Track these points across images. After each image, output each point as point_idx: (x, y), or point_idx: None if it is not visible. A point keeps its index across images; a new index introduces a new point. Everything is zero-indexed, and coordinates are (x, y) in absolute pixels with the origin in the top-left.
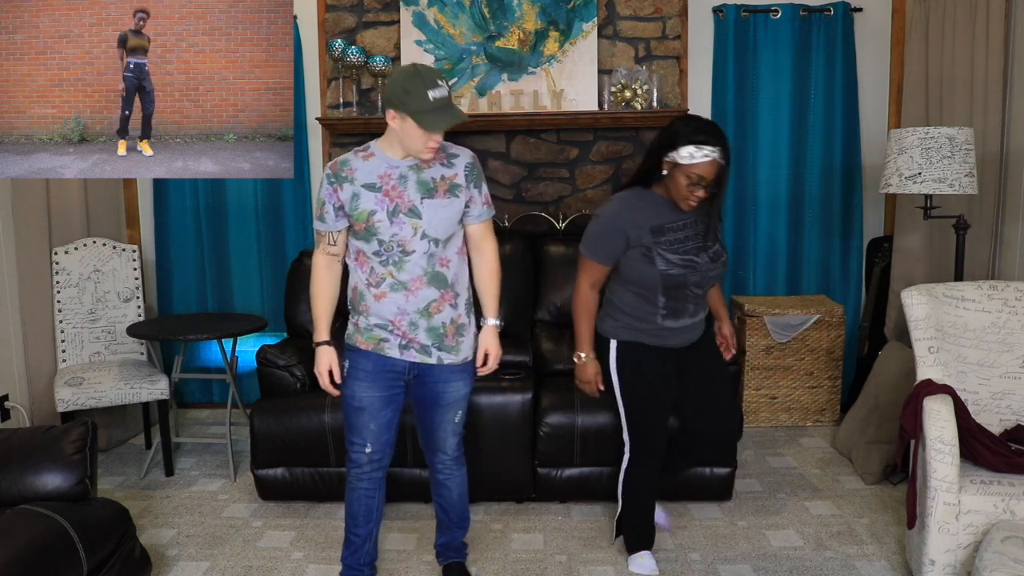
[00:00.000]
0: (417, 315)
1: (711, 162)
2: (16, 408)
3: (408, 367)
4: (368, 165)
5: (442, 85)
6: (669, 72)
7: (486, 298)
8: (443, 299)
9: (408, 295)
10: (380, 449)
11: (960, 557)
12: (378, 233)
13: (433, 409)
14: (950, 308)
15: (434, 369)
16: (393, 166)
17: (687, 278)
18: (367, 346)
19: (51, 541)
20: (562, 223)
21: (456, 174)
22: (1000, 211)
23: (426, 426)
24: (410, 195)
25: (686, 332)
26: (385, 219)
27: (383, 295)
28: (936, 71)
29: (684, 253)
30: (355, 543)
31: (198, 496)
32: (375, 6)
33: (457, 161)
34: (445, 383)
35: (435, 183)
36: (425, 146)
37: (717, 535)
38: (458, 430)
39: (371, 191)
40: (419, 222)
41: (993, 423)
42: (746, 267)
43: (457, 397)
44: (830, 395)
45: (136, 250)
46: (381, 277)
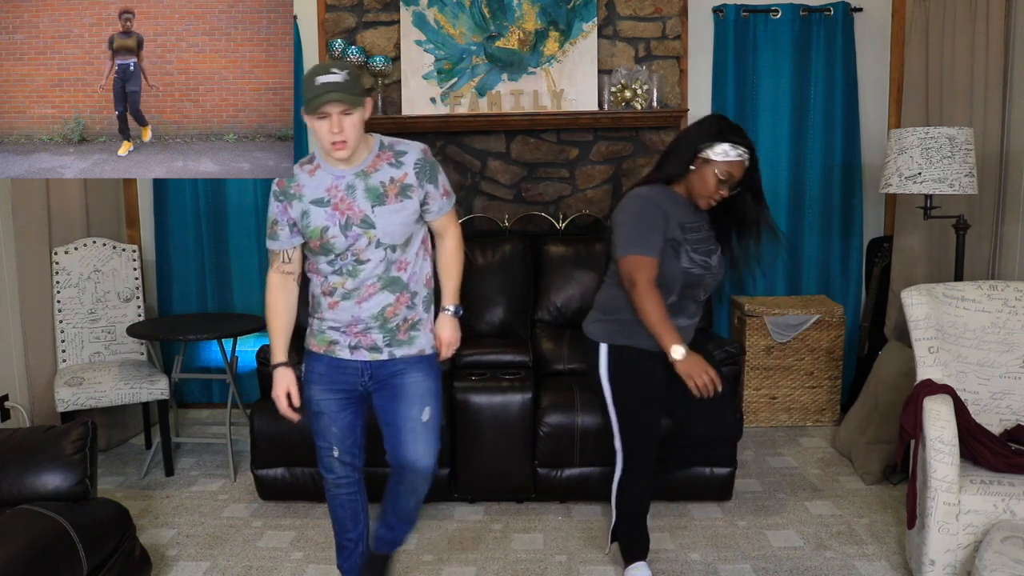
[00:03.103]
0: (371, 320)
1: (741, 162)
2: (16, 408)
3: (361, 368)
4: (315, 180)
5: (336, 72)
6: (669, 72)
7: (445, 285)
8: (399, 302)
9: (359, 302)
10: (348, 451)
11: (960, 557)
12: (334, 248)
13: (395, 405)
14: (950, 308)
15: (387, 364)
16: (338, 176)
17: (703, 279)
18: (319, 348)
19: (51, 541)
20: (562, 223)
21: (405, 174)
22: (1000, 211)
23: (391, 426)
24: (360, 205)
25: (683, 334)
26: (339, 234)
27: (336, 303)
28: (936, 71)
29: (703, 254)
30: (348, 548)
31: (198, 496)
32: (375, 6)
33: (406, 159)
34: (401, 375)
35: (384, 188)
36: (329, 143)
37: (717, 535)
38: (430, 437)
39: (320, 206)
40: (373, 231)
41: (993, 423)
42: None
43: (420, 391)
44: (830, 395)
45: (136, 250)
46: (333, 287)
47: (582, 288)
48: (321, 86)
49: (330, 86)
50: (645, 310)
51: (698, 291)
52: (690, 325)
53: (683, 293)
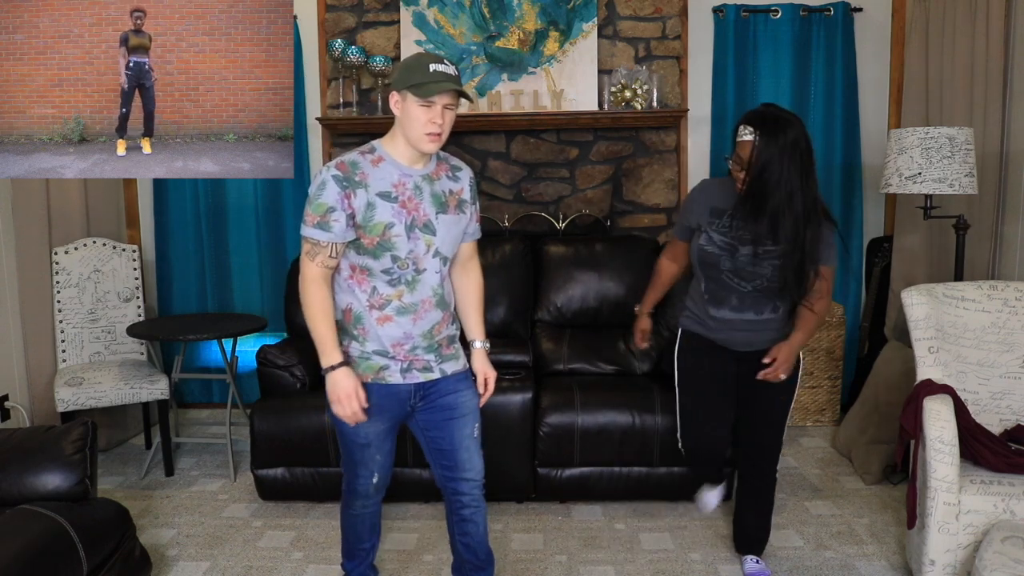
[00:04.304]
0: (420, 338)
1: (746, 142)
2: (16, 408)
3: (413, 390)
4: (379, 171)
5: (449, 65)
6: (669, 72)
7: (473, 320)
8: (444, 320)
9: (415, 319)
10: (384, 475)
11: (960, 557)
12: (393, 249)
13: (449, 425)
14: (950, 308)
15: (440, 383)
16: (406, 174)
17: (721, 261)
18: (366, 377)
19: (51, 541)
20: (562, 223)
21: (463, 189)
22: (1000, 211)
23: (444, 450)
24: (426, 208)
25: (734, 329)
26: (403, 233)
27: (387, 318)
28: (936, 71)
29: (730, 238)
30: (362, 555)
31: (198, 496)
32: (375, 6)
33: (462, 175)
34: (455, 392)
35: (446, 197)
36: (424, 132)
37: (717, 535)
38: (479, 446)
39: (387, 201)
40: (432, 239)
41: (993, 423)
42: None
43: (472, 407)
44: (830, 395)
45: (136, 250)
46: (386, 299)
47: (582, 288)
48: (437, 74)
49: (445, 76)
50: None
51: (722, 275)
52: (739, 321)
53: (708, 274)
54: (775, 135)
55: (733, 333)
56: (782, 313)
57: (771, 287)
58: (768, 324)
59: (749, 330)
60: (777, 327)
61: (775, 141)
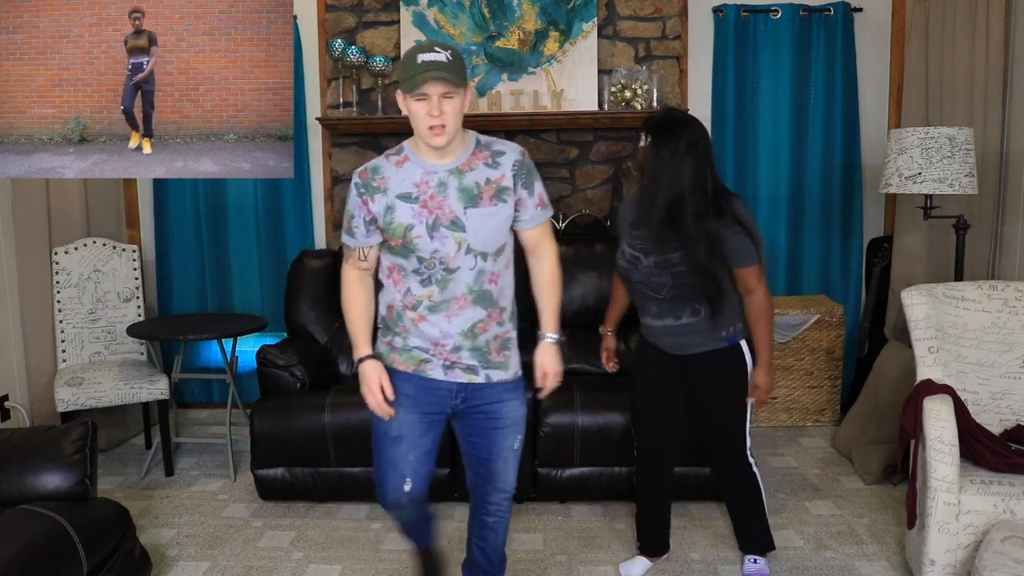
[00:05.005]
0: (461, 337)
1: (641, 148)
2: (16, 408)
3: (456, 389)
4: (402, 172)
5: (440, 51)
6: (669, 72)
7: (544, 310)
8: (490, 318)
9: (450, 316)
10: (419, 484)
11: (960, 557)
12: (417, 250)
13: (490, 434)
14: (950, 308)
15: (485, 389)
16: (430, 171)
17: (631, 273)
18: (406, 367)
19: (51, 541)
20: (562, 223)
21: (503, 175)
22: (1000, 211)
23: (481, 458)
24: (451, 204)
25: (662, 335)
26: (424, 234)
27: (421, 318)
28: (936, 71)
29: (637, 251)
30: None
31: (198, 496)
32: (375, 6)
33: (504, 159)
34: (500, 402)
35: (479, 188)
36: (426, 127)
37: (717, 535)
38: (518, 458)
39: (407, 202)
40: (463, 235)
41: (993, 423)
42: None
43: (516, 418)
44: (830, 395)
45: (136, 250)
46: (418, 299)
47: (582, 288)
48: (423, 64)
49: (432, 64)
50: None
51: (635, 286)
52: (665, 327)
53: (628, 287)
54: (667, 139)
55: (663, 338)
56: (704, 316)
57: (681, 294)
58: (691, 328)
59: (675, 335)
60: (704, 330)
61: (667, 144)
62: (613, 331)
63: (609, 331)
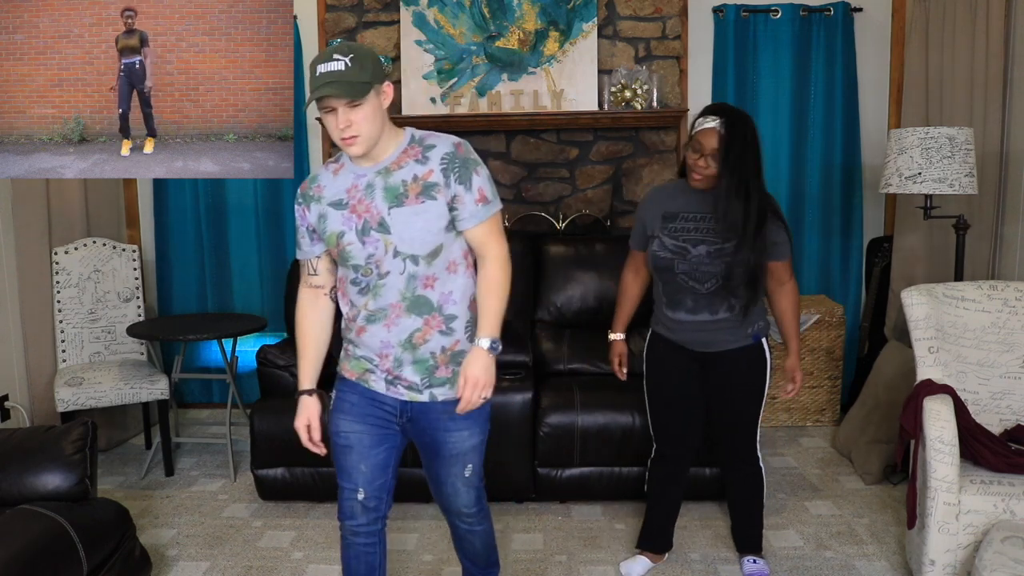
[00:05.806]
0: (400, 349)
1: (710, 129)
2: (16, 408)
3: (399, 407)
4: (337, 179)
5: (338, 59)
6: (669, 72)
7: (482, 314)
8: (428, 326)
9: (388, 326)
10: (375, 495)
11: (960, 557)
12: (352, 258)
13: (435, 461)
14: (950, 308)
15: (430, 411)
16: (360, 175)
17: (675, 264)
18: (352, 374)
19: (51, 541)
20: (562, 223)
21: (430, 171)
22: (1000, 211)
23: (432, 478)
24: (377, 206)
25: (692, 330)
26: (356, 240)
27: (362, 329)
28: (936, 71)
29: (682, 241)
30: None
31: (198, 496)
32: (375, 6)
33: (432, 153)
34: (446, 431)
35: (405, 187)
36: (337, 138)
37: (717, 535)
38: (472, 483)
39: (338, 209)
40: (389, 237)
41: (993, 423)
42: None
43: (462, 449)
44: (830, 395)
45: (136, 250)
46: (358, 311)
47: (582, 288)
48: (320, 76)
49: (328, 76)
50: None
51: (677, 278)
52: (696, 322)
53: (664, 279)
54: (739, 125)
55: (691, 334)
56: (737, 312)
57: (725, 286)
58: (724, 324)
59: (706, 331)
60: (734, 327)
61: (739, 132)
62: (623, 336)
63: (620, 337)
